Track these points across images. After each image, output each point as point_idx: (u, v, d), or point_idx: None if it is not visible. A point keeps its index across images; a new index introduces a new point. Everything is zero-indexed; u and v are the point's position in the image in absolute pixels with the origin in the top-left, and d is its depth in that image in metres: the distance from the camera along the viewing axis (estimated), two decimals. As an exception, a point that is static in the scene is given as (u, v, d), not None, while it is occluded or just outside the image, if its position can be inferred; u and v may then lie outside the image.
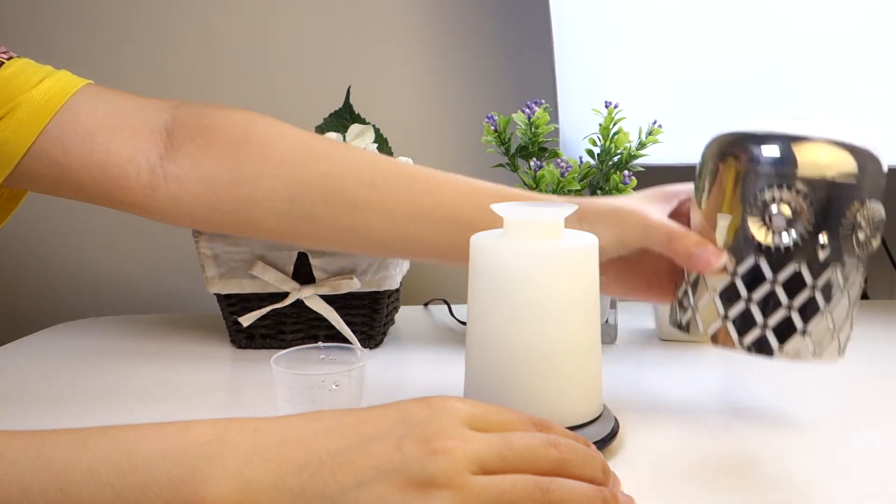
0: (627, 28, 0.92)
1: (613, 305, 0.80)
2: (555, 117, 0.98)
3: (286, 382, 0.58)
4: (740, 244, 0.53)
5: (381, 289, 0.78)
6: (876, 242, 0.53)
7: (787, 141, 0.51)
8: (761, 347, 0.53)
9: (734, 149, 0.53)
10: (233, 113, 0.64)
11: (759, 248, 0.52)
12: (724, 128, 0.55)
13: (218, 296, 0.80)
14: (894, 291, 1.14)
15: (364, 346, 0.80)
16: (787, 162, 0.51)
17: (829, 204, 0.50)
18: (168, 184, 0.61)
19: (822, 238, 0.51)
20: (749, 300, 0.53)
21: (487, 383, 0.54)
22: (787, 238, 0.51)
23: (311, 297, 0.77)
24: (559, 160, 0.79)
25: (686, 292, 0.56)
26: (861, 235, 0.51)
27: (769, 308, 0.52)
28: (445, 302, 0.97)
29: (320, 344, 0.63)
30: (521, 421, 0.46)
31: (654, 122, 0.79)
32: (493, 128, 0.81)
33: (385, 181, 0.61)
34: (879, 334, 0.84)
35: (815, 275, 0.51)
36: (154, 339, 0.86)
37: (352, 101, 0.88)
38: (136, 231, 1.13)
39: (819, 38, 0.85)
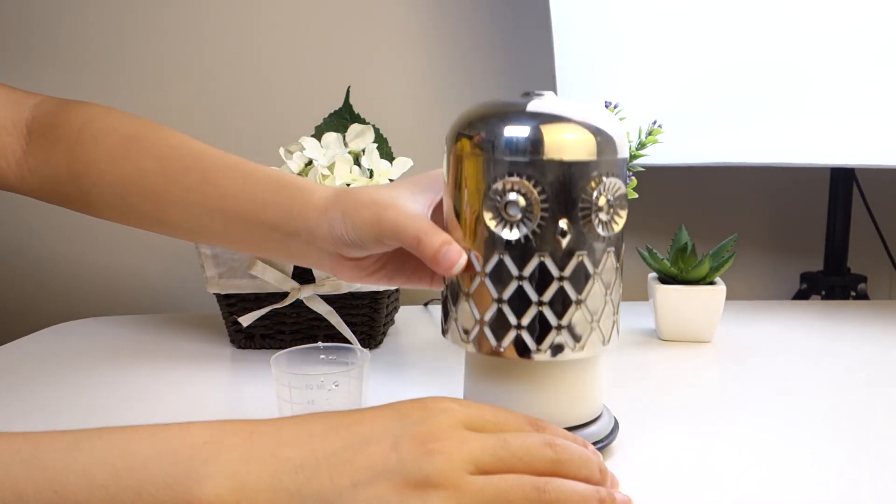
0: (627, 28, 0.92)
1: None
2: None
3: (286, 382, 0.58)
4: (483, 240, 0.50)
5: (381, 289, 0.78)
6: (621, 221, 0.50)
7: (516, 124, 0.48)
8: (520, 349, 0.50)
9: (468, 134, 0.50)
10: (75, 110, 0.66)
11: (501, 243, 0.49)
12: (464, 112, 0.51)
13: (217, 296, 0.80)
14: (894, 291, 1.14)
15: (364, 346, 0.80)
16: (516, 148, 0.48)
17: (563, 187, 0.48)
18: (31, 175, 0.65)
19: (562, 224, 0.48)
20: (500, 300, 0.50)
21: (487, 383, 0.54)
22: (525, 229, 0.48)
23: (311, 297, 0.77)
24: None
25: (447, 297, 0.54)
26: (603, 216, 0.49)
27: (520, 306, 0.49)
28: (445, 302, 0.97)
29: (320, 344, 0.63)
30: (518, 421, 0.46)
31: (654, 122, 0.79)
32: (492, 128, 0.81)
33: (183, 175, 0.62)
34: (879, 334, 0.84)
35: (561, 265, 0.49)
36: (154, 339, 0.86)
37: (351, 101, 0.88)
38: (136, 231, 1.13)
39: (819, 37, 0.85)
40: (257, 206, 0.60)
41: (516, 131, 0.48)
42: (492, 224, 0.49)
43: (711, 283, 0.81)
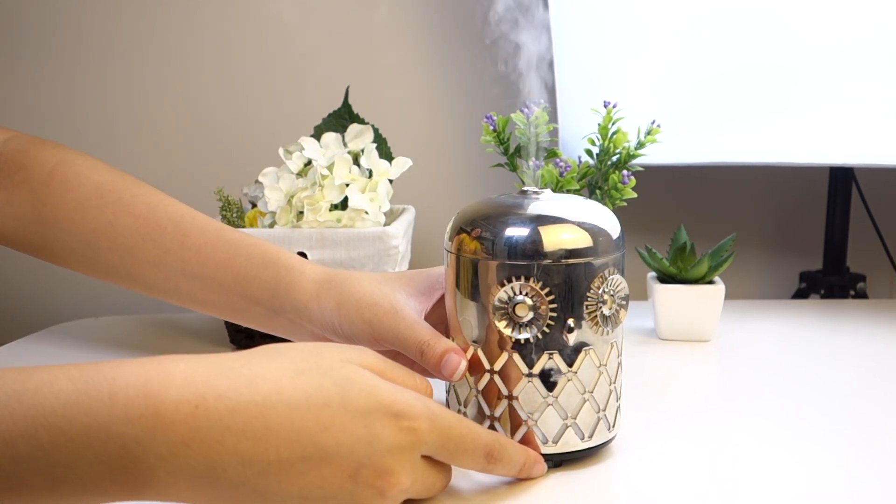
0: (627, 28, 0.92)
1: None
2: (554, 117, 0.98)
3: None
4: (489, 340, 0.50)
5: (381, 289, 0.78)
6: (623, 313, 0.51)
7: (518, 227, 0.49)
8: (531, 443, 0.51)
9: (469, 235, 0.51)
10: (46, 152, 0.64)
11: (508, 343, 0.50)
12: (463, 211, 0.53)
13: (217, 296, 0.80)
14: (893, 290, 1.14)
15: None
16: (519, 251, 0.49)
17: (568, 287, 0.49)
18: None
19: (570, 322, 0.49)
20: (510, 397, 0.50)
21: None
22: (534, 329, 0.49)
23: (311, 297, 0.77)
24: (558, 160, 0.79)
25: (454, 391, 0.54)
26: (606, 310, 0.50)
27: (532, 402, 0.50)
28: (445, 302, 0.97)
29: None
30: (475, 452, 0.46)
31: (653, 122, 0.79)
32: (491, 128, 0.81)
33: (161, 235, 0.61)
34: (879, 333, 0.84)
35: (569, 362, 0.50)
36: (154, 339, 0.86)
37: (351, 101, 0.88)
38: (135, 231, 1.13)
39: (818, 37, 0.85)
40: (240, 279, 0.59)
41: (518, 233, 0.49)
42: (500, 325, 0.50)
43: (710, 282, 0.81)
